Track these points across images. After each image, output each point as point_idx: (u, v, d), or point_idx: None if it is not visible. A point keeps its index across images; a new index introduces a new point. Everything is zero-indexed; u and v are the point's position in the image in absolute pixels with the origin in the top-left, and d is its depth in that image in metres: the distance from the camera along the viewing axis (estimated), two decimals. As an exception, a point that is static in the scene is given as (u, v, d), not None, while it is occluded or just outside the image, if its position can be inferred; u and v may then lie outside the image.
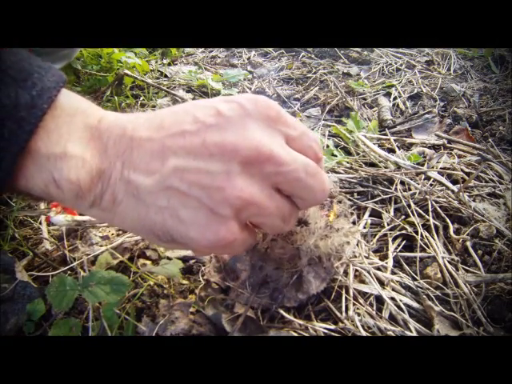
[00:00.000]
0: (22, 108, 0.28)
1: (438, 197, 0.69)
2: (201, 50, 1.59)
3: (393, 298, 0.51)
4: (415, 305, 0.51)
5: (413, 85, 1.25)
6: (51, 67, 0.32)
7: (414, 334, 0.47)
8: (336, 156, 0.83)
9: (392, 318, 0.50)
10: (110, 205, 0.31)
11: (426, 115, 1.02)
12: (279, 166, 0.31)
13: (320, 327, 0.47)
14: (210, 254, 0.52)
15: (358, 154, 0.86)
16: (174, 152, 0.30)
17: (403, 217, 0.66)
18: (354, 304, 0.50)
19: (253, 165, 0.31)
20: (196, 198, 0.30)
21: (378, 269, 0.56)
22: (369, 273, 0.54)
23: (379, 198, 0.70)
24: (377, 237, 0.62)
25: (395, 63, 1.41)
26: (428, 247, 0.60)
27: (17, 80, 0.29)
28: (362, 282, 0.54)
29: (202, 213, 0.30)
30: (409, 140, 0.93)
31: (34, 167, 0.29)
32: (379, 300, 0.52)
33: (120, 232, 0.64)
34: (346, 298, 0.51)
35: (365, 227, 0.64)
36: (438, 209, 0.66)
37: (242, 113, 0.32)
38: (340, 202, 0.52)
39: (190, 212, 0.30)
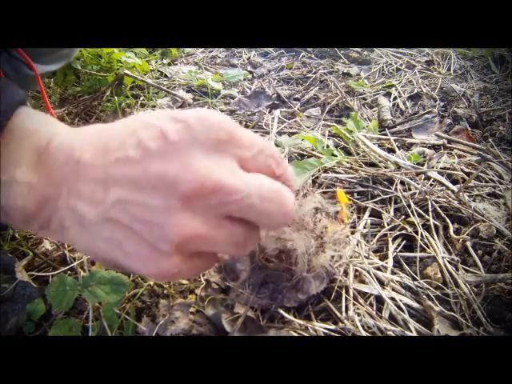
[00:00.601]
0: None
1: (438, 197, 0.69)
2: (201, 50, 1.59)
3: (393, 298, 0.51)
4: (415, 305, 0.51)
5: (413, 85, 1.25)
6: (7, 87, 0.32)
7: (414, 333, 0.47)
8: (336, 156, 0.83)
9: (392, 318, 0.50)
10: (58, 229, 0.32)
11: (426, 115, 1.02)
12: (228, 196, 0.30)
13: (320, 327, 0.47)
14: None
15: (358, 153, 0.86)
16: (116, 181, 0.30)
17: (403, 217, 0.66)
18: (354, 304, 0.50)
19: (196, 198, 0.29)
20: (137, 232, 0.30)
21: (378, 269, 0.56)
22: (369, 273, 0.54)
23: (379, 198, 0.70)
24: (377, 237, 0.62)
25: (395, 63, 1.41)
26: (428, 247, 0.60)
27: None
28: (362, 282, 0.54)
29: (144, 247, 0.30)
30: (409, 140, 0.93)
31: None
32: (379, 300, 0.52)
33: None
34: (346, 297, 0.51)
35: (365, 227, 0.64)
36: (438, 209, 0.66)
37: (188, 137, 0.30)
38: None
39: (133, 246, 0.30)
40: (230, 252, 0.34)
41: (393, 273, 0.56)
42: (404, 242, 0.62)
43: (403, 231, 0.63)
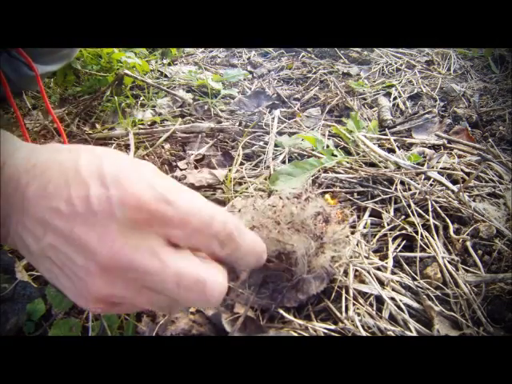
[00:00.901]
0: None
1: (438, 197, 0.69)
2: (201, 50, 1.59)
3: (393, 298, 0.51)
4: (415, 305, 0.51)
5: (413, 85, 1.25)
6: None
7: (414, 334, 0.47)
8: (336, 156, 0.83)
9: (392, 318, 0.50)
10: (13, 246, 0.34)
11: (426, 115, 1.02)
12: (143, 275, 0.30)
13: (320, 327, 0.47)
14: None
15: (358, 153, 0.86)
16: (51, 229, 0.31)
17: (403, 217, 0.66)
18: (354, 304, 0.50)
19: (113, 269, 0.30)
20: (67, 275, 0.32)
21: (378, 269, 0.56)
22: (369, 273, 0.54)
23: (379, 198, 0.70)
24: (377, 237, 0.62)
25: (395, 63, 1.41)
26: (428, 247, 0.60)
27: None
28: (362, 282, 0.54)
29: (73, 288, 0.32)
30: (409, 140, 0.93)
31: None
32: (379, 300, 0.52)
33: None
34: (345, 297, 0.51)
35: (365, 227, 0.64)
36: (438, 209, 0.66)
37: (108, 212, 0.30)
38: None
39: (65, 283, 0.33)
40: (155, 310, 0.35)
41: (393, 273, 0.56)
42: (404, 241, 0.62)
43: (403, 231, 0.63)
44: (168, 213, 0.30)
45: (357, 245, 0.59)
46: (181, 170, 0.83)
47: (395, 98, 1.16)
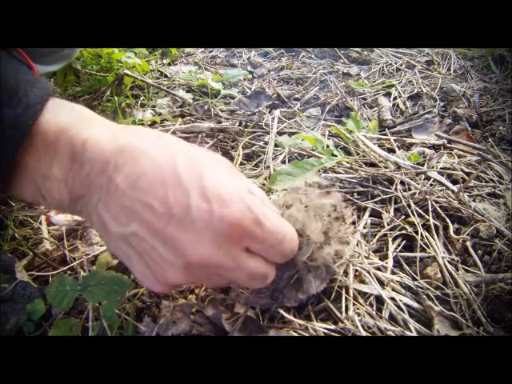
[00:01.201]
0: (7, 126, 0.30)
1: (438, 197, 0.69)
2: (201, 50, 1.59)
3: (393, 298, 0.51)
4: (415, 305, 0.51)
5: (413, 85, 1.25)
6: (38, 80, 0.33)
7: (414, 334, 0.47)
8: (336, 156, 0.83)
9: (392, 318, 0.49)
10: (87, 218, 0.36)
11: (426, 115, 1.02)
12: (222, 271, 0.36)
13: (320, 327, 0.47)
14: None
15: (358, 154, 0.86)
16: (138, 220, 0.33)
17: (403, 217, 0.66)
18: (354, 304, 0.50)
19: (198, 267, 0.34)
20: (145, 261, 0.35)
21: (378, 269, 0.56)
22: (369, 273, 0.54)
23: (379, 198, 0.70)
24: (377, 237, 0.62)
25: (395, 63, 1.41)
26: (428, 247, 0.60)
27: (2, 98, 0.30)
28: (362, 282, 0.54)
29: (148, 272, 0.35)
30: (409, 140, 0.93)
31: (25, 180, 0.33)
32: (379, 300, 0.52)
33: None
34: (345, 297, 0.51)
35: (365, 227, 0.64)
36: (438, 209, 0.66)
37: (206, 222, 0.33)
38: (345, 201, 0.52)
39: (140, 266, 0.35)
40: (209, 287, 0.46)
41: (393, 273, 0.56)
42: (404, 241, 0.62)
43: (403, 231, 0.63)
44: (257, 232, 0.35)
45: (357, 245, 0.59)
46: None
47: (395, 98, 1.16)
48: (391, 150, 0.88)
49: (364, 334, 0.46)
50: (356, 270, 0.54)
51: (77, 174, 0.33)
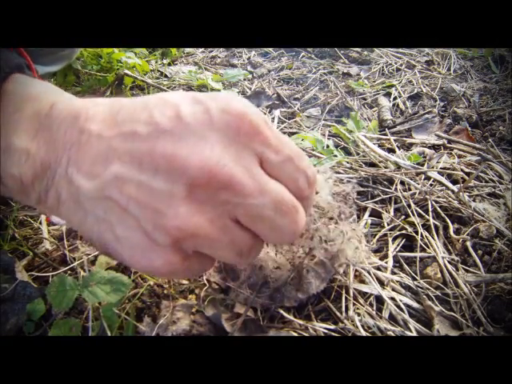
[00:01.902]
0: None
1: (438, 197, 0.69)
2: (201, 50, 1.59)
3: (393, 298, 0.51)
4: (415, 305, 0.51)
5: (413, 85, 1.25)
6: (6, 54, 0.30)
7: (414, 334, 0.47)
8: (336, 156, 0.83)
9: (392, 318, 0.49)
10: (55, 203, 0.29)
11: (426, 115, 1.02)
12: (239, 197, 0.26)
13: (320, 327, 0.47)
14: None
15: (358, 154, 0.86)
16: (118, 156, 0.26)
17: (403, 217, 0.66)
18: (354, 304, 0.50)
19: (203, 190, 0.26)
20: (133, 216, 0.26)
21: (378, 269, 0.56)
22: (369, 273, 0.54)
23: (379, 198, 0.70)
24: (377, 237, 0.62)
25: (395, 63, 1.41)
26: (428, 247, 0.60)
27: None
28: (362, 282, 0.54)
29: (138, 235, 0.26)
30: (409, 140, 0.93)
31: None
32: (379, 300, 0.52)
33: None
34: (346, 297, 0.51)
35: (365, 227, 0.64)
36: (438, 209, 0.66)
37: (205, 121, 0.26)
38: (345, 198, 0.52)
39: (126, 231, 0.27)
40: (230, 259, 0.30)
41: (393, 273, 0.56)
42: (404, 241, 0.62)
43: (403, 231, 0.63)
44: (267, 132, 0.27)
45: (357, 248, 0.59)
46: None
47: (395, 98, 1.16)
48: (391, 150, 0.88)
49: (364, 334, 0.46)
50: (356, 270, 0.54)
51: (42, 140, 0.28)
